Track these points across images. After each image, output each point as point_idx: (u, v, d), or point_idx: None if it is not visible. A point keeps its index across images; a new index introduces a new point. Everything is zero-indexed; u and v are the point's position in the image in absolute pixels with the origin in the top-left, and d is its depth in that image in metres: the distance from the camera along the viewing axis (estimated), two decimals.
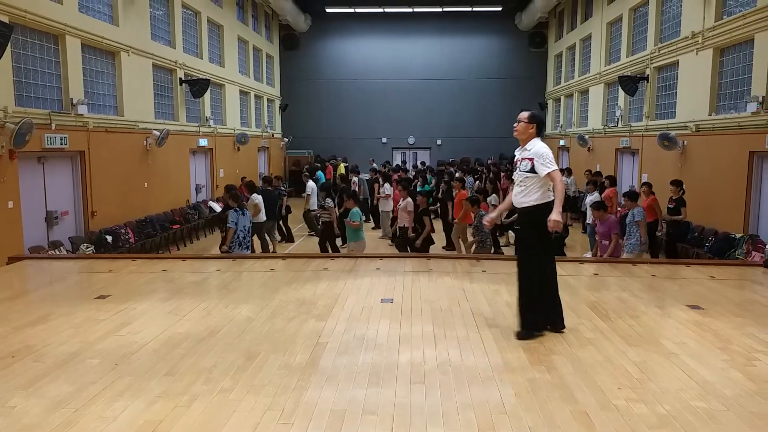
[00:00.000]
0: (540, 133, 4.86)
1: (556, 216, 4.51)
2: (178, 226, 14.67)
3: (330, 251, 11.64)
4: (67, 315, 5.33)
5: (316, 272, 7.25)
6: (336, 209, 12.19)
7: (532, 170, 4.67)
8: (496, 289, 6.28)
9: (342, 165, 24.15)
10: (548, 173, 4.60)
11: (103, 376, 3.91)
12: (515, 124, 4.88)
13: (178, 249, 14.09)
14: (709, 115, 12.45)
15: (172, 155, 15.36)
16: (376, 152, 27.45)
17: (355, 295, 6.08)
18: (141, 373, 3.95)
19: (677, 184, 10.86)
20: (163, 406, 3.45)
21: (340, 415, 3.34)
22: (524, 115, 4.87)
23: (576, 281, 6.78)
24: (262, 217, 11.79)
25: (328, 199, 11.82)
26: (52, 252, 10.09)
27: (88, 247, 10.88)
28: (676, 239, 11.41)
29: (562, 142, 24.60)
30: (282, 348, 4.46)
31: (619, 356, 4.28)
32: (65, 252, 10.37)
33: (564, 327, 4.83)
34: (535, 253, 4.77)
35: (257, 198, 11.64)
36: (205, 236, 16.05)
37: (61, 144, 10.74)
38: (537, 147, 4.72)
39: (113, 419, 3.29)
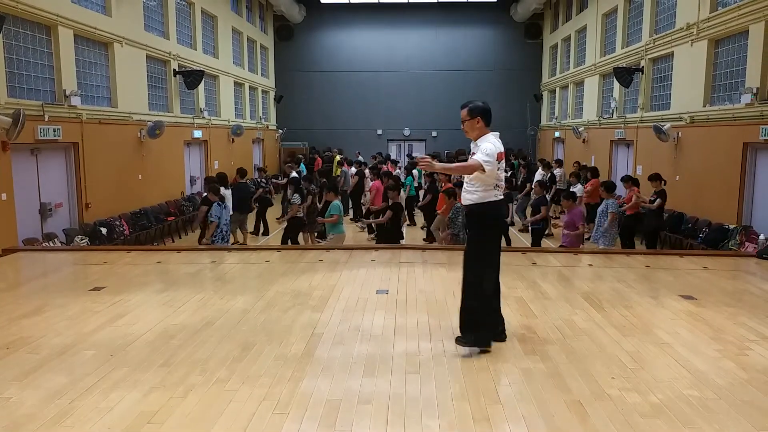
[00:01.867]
0: (488, 123, 4.41)
1: (436, 162, 4.36)
2: (173, 218, 14.63)
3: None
4: (61, 307, 5.32)
5: (311, 264, 7.25)
6: (313, 202, 12.02)
7: None
8: None
9: (338, 157, 24.11)
10: (477, 158, 4.23)
11: (99, 367, 3.91)
12: (461, 125, 4.46)
13: (173, 241, 14.06)
14: (704, 106, 12.47)
15: (166, 147, 15.29)
16: (371, 144, 27.39)
17: (350, 286, 6.10)
18: (136, 365, 3.96)
19: (655, 178, 10.94)
20: (159, 397, 3.46)
21: (336, 405, 3.36)
22: (464, 112, 4.43)
23: (570, 272, 6.81)
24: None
25: (295, 195, 11.45)
26: (47, 244, 10.06)
27: (82, 239, 10.84)
28: (657, 229, 11.24)
29: (557, 134, 24.61)
30: (278, 339, 4.47)
31: (612, 346, 4.31)
32: (59, 244, 10.33)
33: (505, 338, 4.44)
34: (475, 259, 4.37)
35: (225, 193, 11.40)
36: (200, 228, 16.02)
37: (55, 136, 10.67)
38: (485, 143, 4.31)
39: (109, 410, 3.30)
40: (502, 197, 4.41)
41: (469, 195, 4.38)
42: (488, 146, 4.27)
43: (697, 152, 12.57)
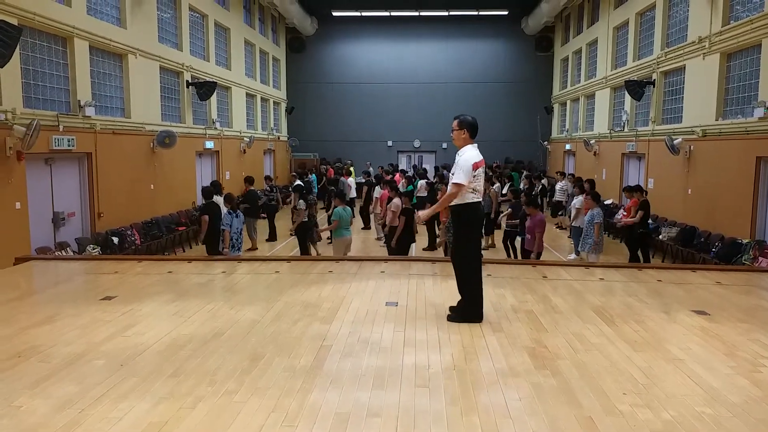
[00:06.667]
0: (473, 136, 5.10)
1: (423, 213, 5.48)
2: (184, 227, 14.71)
3: (301, 250, 12.04)
4: (73, 316, 5.35)
5: (321, 275, 7.25)
6: (311, 212, 12.40)
7: None
8: (501, 293, 6.28)
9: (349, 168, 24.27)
10: (452, 182, 4.98)
11: (109, 377, 3.92)
12: (451, 132, 5.17)
13: (184, 251, 14.12)
14: (716, 120, 12.41)
15: (178, 157, 15.42)
16: (381, 155, 27.47)
17: (359, 298, 6.08)
18: (146, 375, 3.96)
19: (636, 190, 11.08)
20: (168, 408, 3.46)
21: (344, 418, 3.34)
22: (455, 122, 5.14)
23: (581, 286, 6.76)
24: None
25: (300, 201, 11.98)
26: (59, 253, 10.14)
27: (94, 249, 10.92)
28: (634, 244, 11.38)
29: (568, 146, 24.56)
30: (287, 350, 4.46)
31: (624, 361, 4.26)
32: (72, 253, 10.41)
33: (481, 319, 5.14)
34: (459, 251, 5.15)
35: (218, 200, 11.50)
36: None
37: (69, 145, 10.80)
38: (463, 156, 5.00)
39: (118, 420, 3.30)
40: (479, 200, 5.13)
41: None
42: (466, 161, 4.95)
43: (709, 166, 12.49)
